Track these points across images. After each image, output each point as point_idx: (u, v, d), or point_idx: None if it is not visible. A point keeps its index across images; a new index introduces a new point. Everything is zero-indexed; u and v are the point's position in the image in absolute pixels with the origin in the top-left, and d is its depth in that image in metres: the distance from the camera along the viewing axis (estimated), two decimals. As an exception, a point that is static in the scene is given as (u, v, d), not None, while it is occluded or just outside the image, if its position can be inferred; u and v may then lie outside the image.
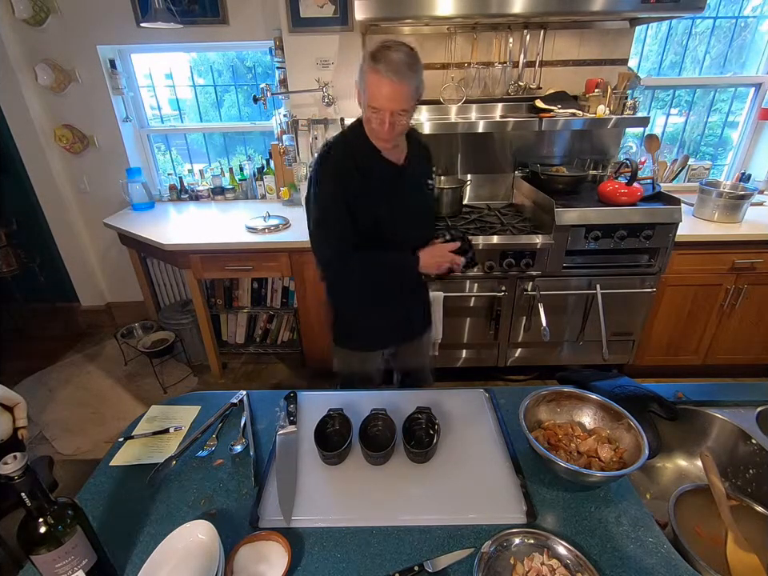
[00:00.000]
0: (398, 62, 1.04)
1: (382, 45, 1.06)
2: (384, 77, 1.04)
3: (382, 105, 1.08)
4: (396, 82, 1.04)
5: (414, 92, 1.09)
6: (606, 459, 0.84)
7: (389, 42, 1.07)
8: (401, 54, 1.05)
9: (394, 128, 1.12)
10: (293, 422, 0.98)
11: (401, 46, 1.06)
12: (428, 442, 0.90)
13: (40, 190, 2.72)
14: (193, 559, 0.70)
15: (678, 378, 2.42)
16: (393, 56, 1.04)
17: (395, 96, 1.06)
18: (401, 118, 1.11)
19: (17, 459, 0.55)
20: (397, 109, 1.08)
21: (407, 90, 1.07)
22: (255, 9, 2.30)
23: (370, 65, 1.05)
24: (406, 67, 1.05)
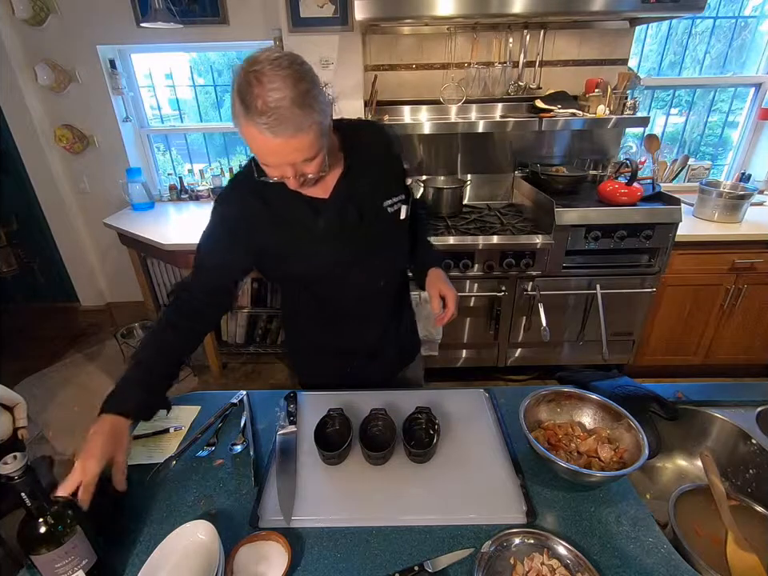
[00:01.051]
0: (281, 109, 0.70)
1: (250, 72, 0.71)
2: (263, 134, 0.72)
3: (272, 162, 0.79)
4: (286, 139, 0.73)
5: (318, 132, 0.76)
6: (606, 459, 0.84)
7: (261, 62, 0.71)
8: (282, 90, 0.70)
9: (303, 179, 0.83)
10: (293, 422, 0.98)
11: (277, 70, 0.70)
12: (428, 442, 0.89)
13: (40, 190, 2.72)
14: (193, 559, 0.69)
15: (678, 378, 2.42)
16: (268, 98, 0.69)
17: (289, 151, 0.76)
18: (308, 166, 0.80)
19: (17, 459, 0.55)
20: (296, 160, 0.78)
21: (305, 140, 0.75)
22: (255, 9, 2.30)
23: (243, 112, 0.72)
24: (296, 108, 0.71)
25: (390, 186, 1.00)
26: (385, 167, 1.00)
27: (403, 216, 1.01)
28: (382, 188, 0.99)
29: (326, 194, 0.93)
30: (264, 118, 0.70)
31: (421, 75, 2.32)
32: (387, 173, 1.00)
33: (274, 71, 0.70)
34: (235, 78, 0.73)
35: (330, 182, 0.93)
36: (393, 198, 0.99)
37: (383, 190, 0.99)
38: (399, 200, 1.00)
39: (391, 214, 0.99)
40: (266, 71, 0.70)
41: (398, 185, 1.02)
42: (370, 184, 0.96)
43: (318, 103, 0.75)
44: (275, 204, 0.92)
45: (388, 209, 0.99)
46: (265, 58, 0.71)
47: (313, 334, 1.14)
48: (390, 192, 0.99)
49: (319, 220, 0.93)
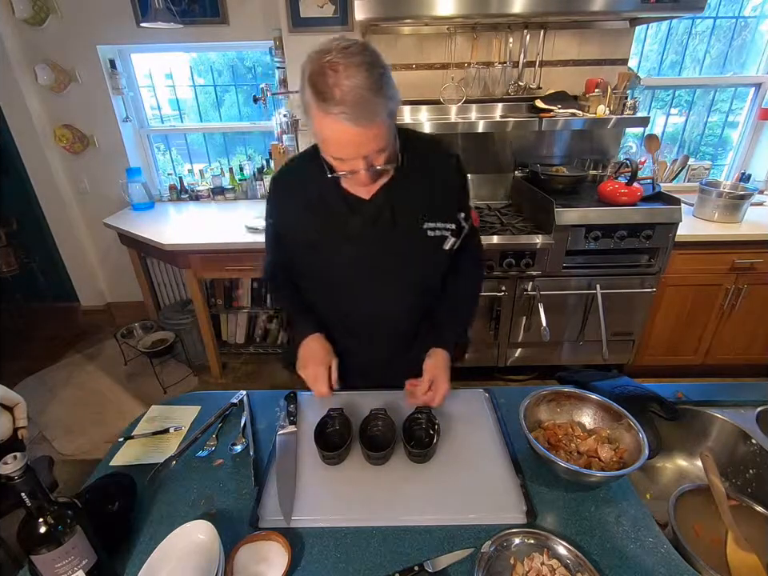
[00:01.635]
0: (357, 97, 0.69)
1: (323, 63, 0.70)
2: (342, 123, 0.71)
3: (347, 154, 0.78)
4: (365, 127, 0.72)
5: (388, 119, 0.76)
6: (606, 459, 0.84)
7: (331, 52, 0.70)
8: (357, 77, 0.69)
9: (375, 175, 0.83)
10: (293, 422, 0.98)
11: (351, 58, 0.70)
12: (428, 442, 0.89)
13: (40, 190, 2.72)
14: (193, 559, 0.70)
15: (678, 378, 2.42)
16: (345, 86, 0.69)
17: (366, 140, 0.75)
18: (380, 157, 0.80)
19: (17, 459, 0.55)
20: (370, 152, 0.77)
21: (381, 127, 0.75)
22: (255, 9, 2.30)
23: (318, 104, 0.71)
24: (372, 95, 0.70)
25: (436, 210, 0.95)
26: (436, 190, 0.95)
27: (447, 247, 0.96)
28: (427, 209, 0.94)
29: (368, 195, 0.92)
30: (342, 106, 0.69)
31: (421, 75, 2.32)
32: (437, 195, 0.95)
33: (347, 59, 0.70)
34: (304, 71, 0.73)
35: (376, 185, 0.91)
36: (437, 222, 0.94)
37: (427, 211, 0.94)
38: (445, 228, 0.95)
39: (431, 238, 0.95)
40: (339, 59, 0.70)
41: (448, 213, 0.96)
42: (414, 200, 0.93)
43: (391, 89, 0.75)
44: (314, 191, 0.93)
45: (428, 232, 0.94)
46: (336, 47, 0.71)
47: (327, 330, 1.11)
48: (435, 216, 0.94)
49: (353, 219, 0.93)
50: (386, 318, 1.04)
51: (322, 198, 0.93)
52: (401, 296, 1.01)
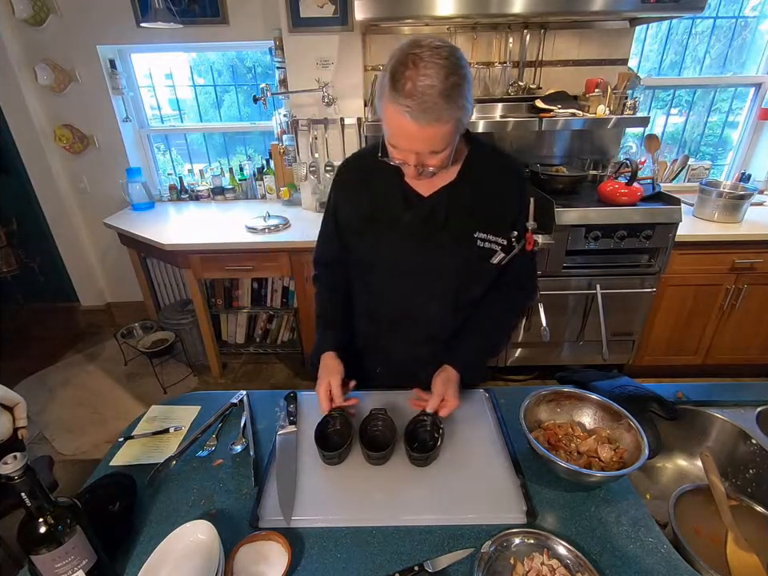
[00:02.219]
0: (427, 96, 0.71)
1: (409, 54, 0.72)
2: (402, 116, 0.73)
3: (401, 145, 0.80)
4: (423, 126, 0.74)
5: (454, 128, 0.77)
6: (606, 459, 0.84)
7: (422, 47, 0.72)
8: (433, 78, 0.70)
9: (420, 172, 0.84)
10: (293, 422, 0.98)
11: (435, 58, 0.71)
12: (432, 445, 0.89)
13: (40, 190, 2.72)
14: (193, 559, 0.70)
15: (678, 378, 2.42)
16: (420, 83, 0.70)
17: (422, 139, 0.77)
18: (432, 158, 0.81)
19: (17, 459, 0.55)
20: (423, 150, 0.79)
21: (440, 132, 0.76)
22: (255, 9, 2.30)
23: (390, 90, 0.73)
24: (441, 99, 0.71)
25: (490, 222, 0.95)
26: (495, 202, 0.95)
27: (495, 261, 0.96)
28: (481, 218, 0.94)
29: (427, 192, 0.93)
30: (409, 100, 0.71)
31: (421, 75, 2.32)
32: (495, 209, 0.95)
33: (432, 58, 0.71)
34: (392, 57, 0.75)
35: (437, 184, 0.92)
36: (489, 234, 0.94)
37: (480, 220, 0.94)
38: (496, 242, 0.95)
39: (480, 248, 0.94)
40: (425, 56, 0.71)
41: (501, 228, 0.95)
42: (471, 207, 0.94)
43: (463, 99, 0.75)
44: (376, 184, 0.96)
45: (478, 241, 0.94)
46: (427, 44, 0.73)
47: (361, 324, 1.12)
48: (488, 228, 0.94)
49: (407, 213, 0.94)
50: (416, 318, 1.03)
51: (383, 187, 0.95)
52: (436, 299, 1.01)
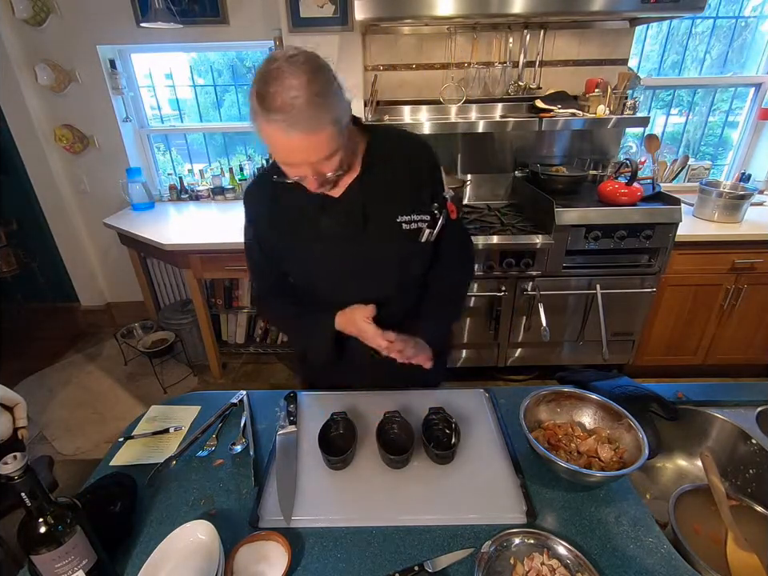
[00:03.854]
0: (297, 105, 0.69)
1: (269, 71, 0.71)
2: (282, 131, 0.72)
3: (292, 160, 0.79)
4: (302, 137, 0.73)
5: (334, 130, 0.75)
6: (606, 459, 0.84)
7: (278, 60, 0.71)
8: (297, 87, 0.69)
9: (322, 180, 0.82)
10: (293, 422, 0.98)
11: (295, 66, 0.70)
12: (446, 443, 0.90)
13: (40, 190, 2.72)
14: (193, 559, 0.70)
15: (678, 377, 2.42)
16: (285, 96, 0.69)
17: (306, 149, 0.75)
18: (326, 165, 0.79)
19: (17, 459, 0.55)
20: (313, 159, 0.77)
21: (320, 138, 0.74)
22: (255, 9, 2.30)
23: (260, 110, 0.72)
24: (310, 107, 0.70)
25: (409, 202, 0.94)
26: (410, 182, 0.94)
27: (423, 239, 0.95)
28: (400, 202, 0.94)
29: (338, 193, 0.92)
30: (281, 115, 0.70)
31: (421, 75, 2.32)
32: (410, 188, 0.94)
33: (290, 68, 0.70)
34: (254, 77, 0.74)
35: (345, 182, 0.91)
36: (411, 215, 0.94)
37: (400, 204, 0.94)
38: (421, 220, 0.95)
39: (406, 231, 0.94)
40: (283, 68, 0.70)
41: (421, 204, 0.95)
42: (386, 194, 0.93)
43: (332, 99, 0.74)
44: (285, 200, 0.94)
45: (403, 225, 0.94)
46: (281, 56, 0.72)
47: None
48: (409, 209, 0.94)
49: (324, 218, 0.93)
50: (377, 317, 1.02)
51: (293, 200, 0.93)
52: (381, 292, 1.00)
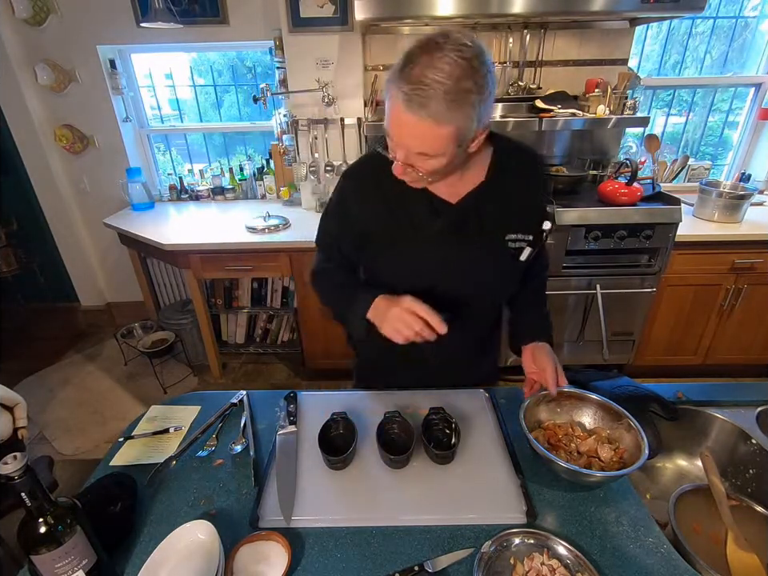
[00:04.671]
0: (431, 89, 0.65)
1: (431, 41, 0.67)
2: (401, 102, 0.67)
3: (394, 133, 0.74)
4: (415, 118, 0.68)
5: (452, 135, 0.70)
6: (606, 459, 0.84)
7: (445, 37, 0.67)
8: (445, 73, 0.65)
9: (405, 171, 0.78)
10: (293, 422, 0.98)
11: (454, 54, 0.65)
12: (446, 443, 0.90)
13: (40, 190, 2.72)
14: (193, 559, 0.70)
15: (678, 377, 2.42)
16: (428, 74, 0.65)
17: (411, 133, 0.71)
18: (419, 160, 0.75)
19: (17, 459, 0.55)
20: (412, 147, 0.73)
21: (433, 132, 0.69)
22: (255, 9, 2.30)
23: (398, 71, 0.69)
24: (444, 98, 0.65)
25: (520, 220, 0.91)
26: (523, 199, 0.91)
27: (524, 258, 0.92)
28: (512, 219, 0.91)
29: (454, 199, 0.88)
30: (409, 86, 0.66)
31: (421, 75, 2.32)
32: (523, 206, 0.91)
33: (451, 53, 0.65)
34: (419, 38, 0.69)
35: (463, 189, 0.88)
36: (519, 233, 0.91)
37: (512, 221, 0.91)
38: (525, 239, 0.91)
39: (510, 249, 0.91)
40: (446, 48, 0.66)
41: (529, 223, 0.91)
42: (502, 210, 0.90)
43: (469, 108, 0.68)
44: (395, 190, 0.87)
45: (509, 243, 0.91)
46: (454, 38, 0.67)
47: None
48: (518, 227, 0.90)
49: (436, 222, 0.89)
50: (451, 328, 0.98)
51: (401, 195, 0.87)
52: (471, 304, 0.98)
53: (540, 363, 0.96)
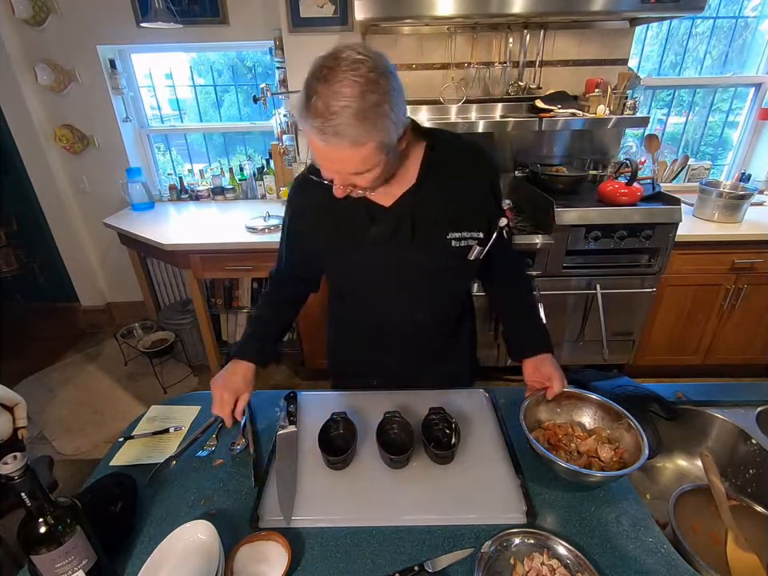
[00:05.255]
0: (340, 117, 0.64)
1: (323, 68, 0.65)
2: (317, 138, 0.67)
3: (320, 164, 0.74)
4: (336, 149, 0.68)
5: (376, 149, 0.69)
6: (606, 459, 0.84)
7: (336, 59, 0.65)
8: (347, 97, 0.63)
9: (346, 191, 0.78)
10: (293, 422, 0.98)
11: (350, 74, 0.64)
12: (446, 443, 0.90)
13: (40, 190, 2.72)
14: (193, 559, 0.70)
15: (678, 377, 2.42)
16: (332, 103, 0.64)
17: (338, 161, 0.71)
18: (358, 179, 0.74)
19: (17, 459, 0.55)
20: (343, 170, 0.73)
21: (357, 154, 0.69)
22: (255, 9, 2.30)
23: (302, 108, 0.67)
24: (356, 121, 0.64)
25: (463, 218, 0.89)
26: (466, 198, 0.89)
27: (472, 257, 0.91)
28: (452, 218, 0.88)
29: (389, 203, 0.88)
30: (319, 121, 0.65)
31: (421, 75, 2.32)
32: (465, 204, 0.89)
33: (347, 74, 0.64)
34: (311, 67, 0.67)
35: (397, 191, 0.87)
36: (463, 232, 0.89)
37: (452, 220, 0.88)
38: (471, 237, 0.89)
39: (456, 248, 0.90)
40: (340, 71, 0.64)
41: (476, 221, 0.90)
42: (439, 209, 0.88)
43: (384, 120, 0.67)
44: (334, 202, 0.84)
45: (453, 242, 0.89)
46: (345, 57, 0.65)
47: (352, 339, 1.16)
48: (461, 225, 0.89)
49: (371, 227, 0.88)
50: (408, 329, 1.02)
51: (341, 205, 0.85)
52: (422, 307, 0.99)
53: (545, 374, 0.96)
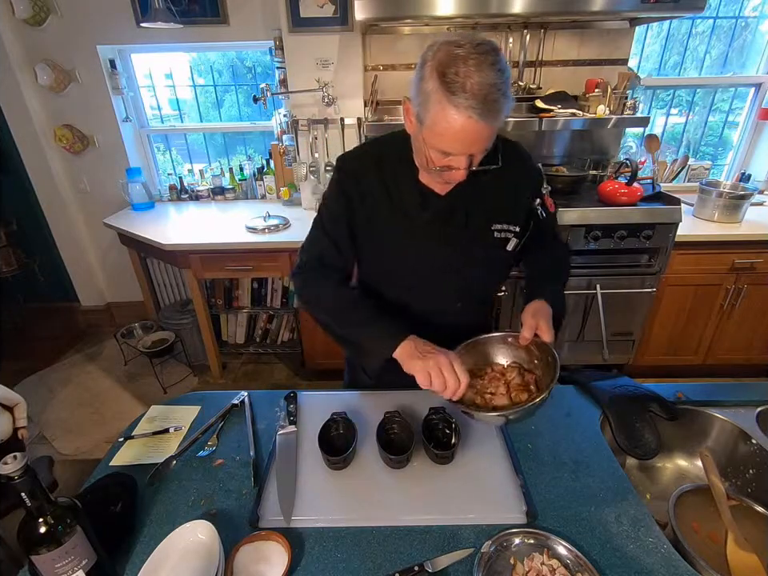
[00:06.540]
0: (487, 93, 0.68)
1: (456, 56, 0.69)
2: (467, 117, 0.70)
3: (457, 149, 0.76)
4: (488, 125, 0.72)
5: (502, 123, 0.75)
6: (514, 386, 0.85)
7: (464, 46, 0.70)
8: (489, 75, 0.68)
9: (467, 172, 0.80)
10: (293, 422, 0.98)
11: (484, 55, 0.69)
12: (446, 443, 0.90)
13: (40, 189, 2.72)
14: (193, 559, 0.70)
15: (678, 377, 2.42)
16: (476, 80, 0.68)
17: (482, 138, 0.75)
18: (480, 156, 0.79)
19: (17, 459, 0.55)
20: (479, 151, 0.77)
21: (493, 129, 0.74)
22: (255, 9, 2.30)
23: (443, 93, 0.70)
24: (502, 96, 0.70)
25: (505, 211, 0.94)
26: (510, 190, 0.94)
27: (510, 248, 0.96)
28: (498, 209, 0.94)
29: (443, 191, 0.90)
30: (472, 100, 0.68)
31: (421, 75, 2.32)
32: (510, 197, 0.95)
33: (479, 56, 0.69)
34: (431, 58, 0.72)
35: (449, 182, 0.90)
36: (504, 224, 0.94)
37: (496, 211, 0.94)
38: (510, 230, 0.95)
39: (497, 239, 0.94)
40: (472, 54, 0.69)
41: (515, 215, 0.95)
42: (486, 199, 0.93)
43: (510, 92, 0.73)
44: (390, 181, 0.90)
45: (495, 233, 0.94)
46: (468, 41, 0.70)
47: None
48: (503, 217, 0.94)
49: (425, 213, 0.91)
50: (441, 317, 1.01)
51: (396, 186, 0.90)
52: (460, 295, 1.01)
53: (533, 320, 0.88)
